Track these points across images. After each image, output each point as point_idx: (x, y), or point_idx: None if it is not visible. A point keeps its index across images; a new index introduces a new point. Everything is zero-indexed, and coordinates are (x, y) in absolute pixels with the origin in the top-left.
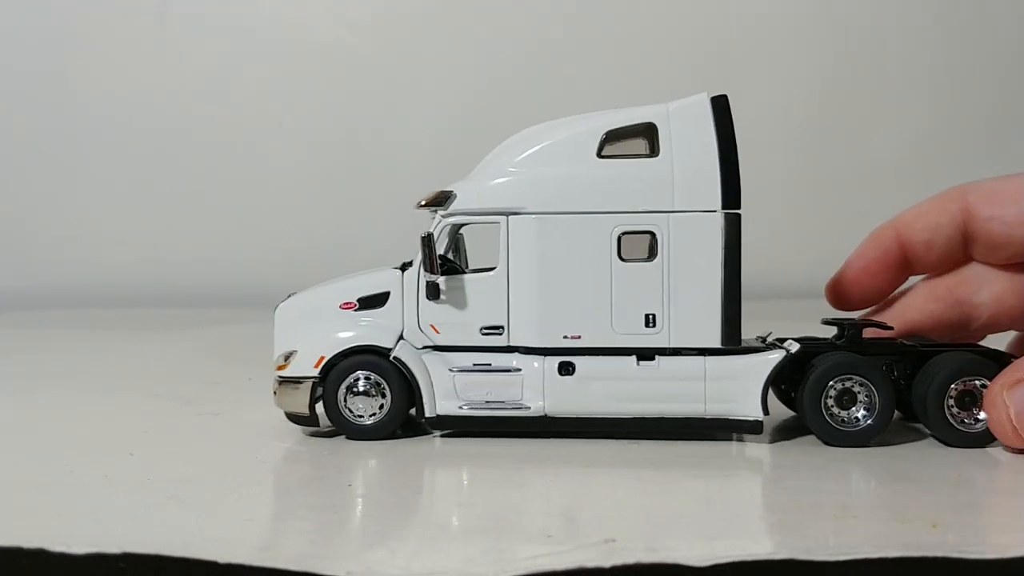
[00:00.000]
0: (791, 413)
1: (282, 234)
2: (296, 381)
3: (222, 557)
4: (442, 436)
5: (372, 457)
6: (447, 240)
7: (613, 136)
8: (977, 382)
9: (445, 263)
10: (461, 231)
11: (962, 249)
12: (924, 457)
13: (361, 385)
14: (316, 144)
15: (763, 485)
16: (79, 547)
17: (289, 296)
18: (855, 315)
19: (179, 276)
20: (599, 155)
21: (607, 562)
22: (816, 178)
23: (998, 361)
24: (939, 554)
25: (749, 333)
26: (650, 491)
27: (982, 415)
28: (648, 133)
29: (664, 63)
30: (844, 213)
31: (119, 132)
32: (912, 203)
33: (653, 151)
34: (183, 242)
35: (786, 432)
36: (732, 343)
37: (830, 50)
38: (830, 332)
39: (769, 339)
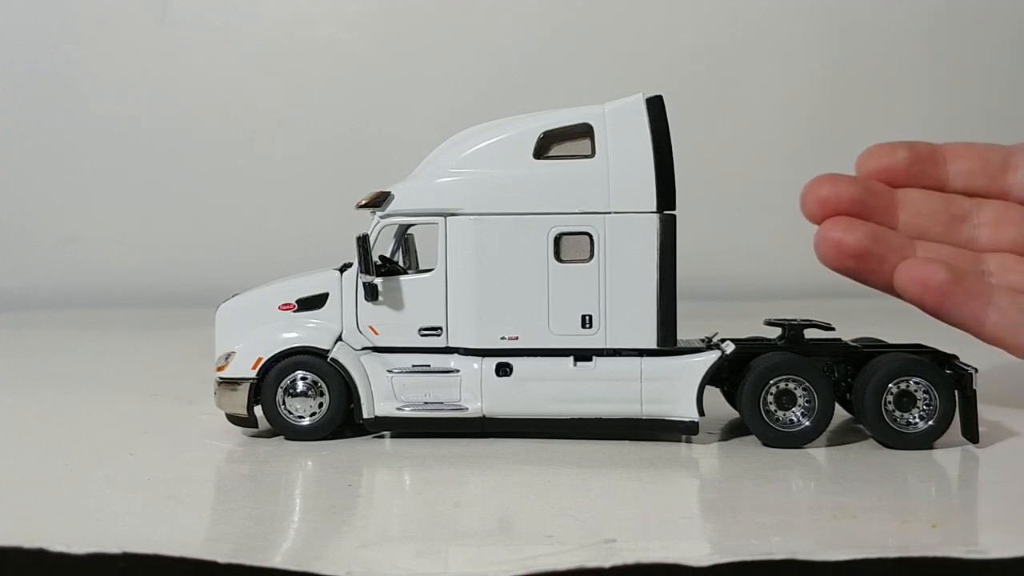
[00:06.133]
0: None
1: (283, 234)
2: (234, 382)
3: (222, 557)
4: (443, 438)
5: (370, 458)
6: (393, 241)
7: (550, 137)
8: (914, 381)
9: (385, 264)
10: (410, 231)
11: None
12: (924, 457)
13: (299, 386)
14: (317, 144)
15: (762, 485)
16: (79, 547)
17: (232, 296)
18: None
19: (179, 276)
20: (536, 156)
21: (607, 562)
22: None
23: (937, 361)
24: (939, 554)
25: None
26: (649, 491)
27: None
28: (585, 134)
29: (665, 61)
30: None
31: (119, 132)
32: None
33: (589, 152)
34: (183, 242)
35: None
36: (668, 344)
37: (831, 50)
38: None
39: (715, 340)
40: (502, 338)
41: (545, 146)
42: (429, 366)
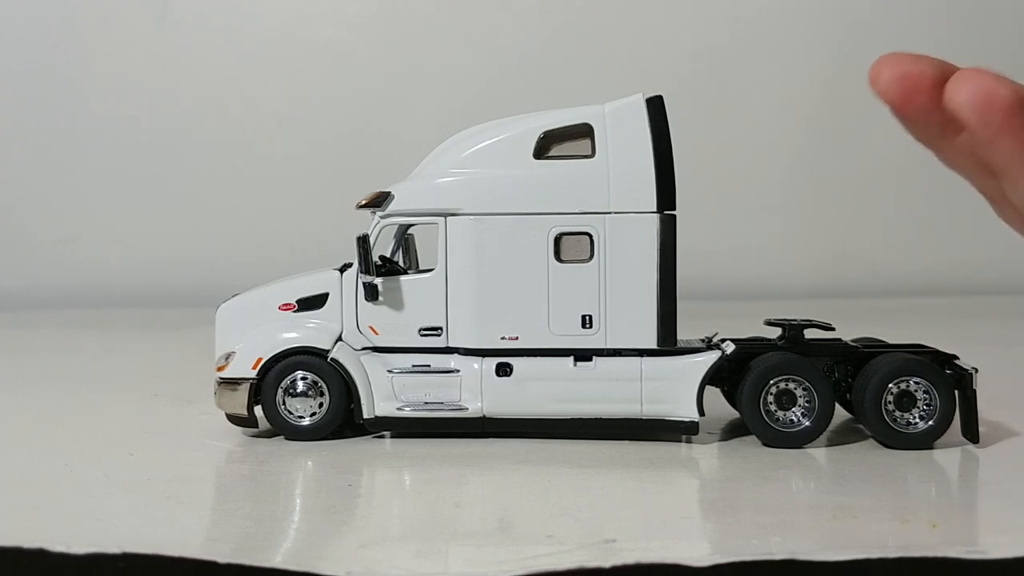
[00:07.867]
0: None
1: (283, 234)
2: (235, 382)
3: (222, 557)
4: (443, 438)
5: (370, 458)
6: (393, 241)
7: (550, 137)
8: (914, 382)
9: (385, 264)
10: (410, 231)
11: None
12: (924, 457)
13: (299, 386)
14: (317, 144)
15: (762, 485)
16: (79, 547)
17: (233, 296)
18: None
19: (179, 276)
20: (536, 156)
21: (607, 562)
22: (817, 179)
23: (937, 361)
24: (939, 554)
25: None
26: (649, 491)
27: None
28: (585, 134)
29: (665, 61)
30: (845, 214)
31: (119, 132)
32: (913, 202)
33: (589, 152)
34: (184, 242)
35: None
36: (668, 344)
37: (831, 50)
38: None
39: (715, 340)
40: (502, 338)
41: (545, 146)
42: (429, 366)
